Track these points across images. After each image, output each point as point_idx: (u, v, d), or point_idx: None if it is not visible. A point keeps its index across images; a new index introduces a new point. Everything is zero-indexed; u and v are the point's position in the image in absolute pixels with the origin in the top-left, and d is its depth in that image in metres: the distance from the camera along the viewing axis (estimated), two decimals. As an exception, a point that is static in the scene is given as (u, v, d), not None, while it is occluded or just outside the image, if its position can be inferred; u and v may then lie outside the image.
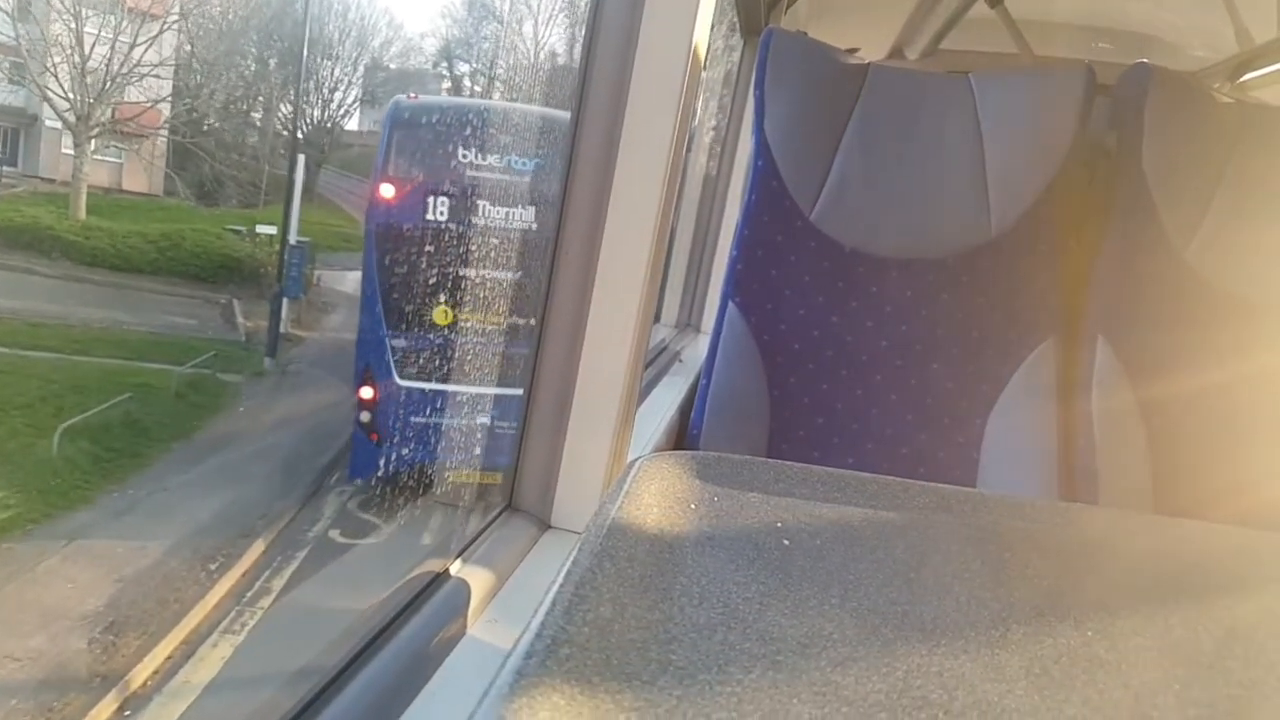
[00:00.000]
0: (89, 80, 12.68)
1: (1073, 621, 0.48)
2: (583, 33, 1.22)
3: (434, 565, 1.02)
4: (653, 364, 2.33)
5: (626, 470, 0.58)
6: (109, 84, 12.83)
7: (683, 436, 1.70)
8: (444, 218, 7.13)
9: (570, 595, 0.41)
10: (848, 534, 0.55)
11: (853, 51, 2.27)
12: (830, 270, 1.58)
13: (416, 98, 8.17)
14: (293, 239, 11.23)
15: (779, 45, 1.62)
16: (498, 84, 17.71)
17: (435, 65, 17.90)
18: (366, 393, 7.32)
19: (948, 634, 0.45)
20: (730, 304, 1.59)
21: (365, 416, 7.40)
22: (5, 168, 13.22)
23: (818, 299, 1.58)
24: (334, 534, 7.25)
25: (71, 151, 13.25)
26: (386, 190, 7.25)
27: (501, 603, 1.01)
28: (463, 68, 18.02)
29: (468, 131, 7.23)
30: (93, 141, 13.29)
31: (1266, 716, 0.42)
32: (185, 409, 8.81)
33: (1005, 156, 1.59)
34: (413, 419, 7.23)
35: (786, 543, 0.52)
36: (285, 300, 11.11)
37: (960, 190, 1.59)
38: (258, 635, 5.61)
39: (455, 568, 1.02)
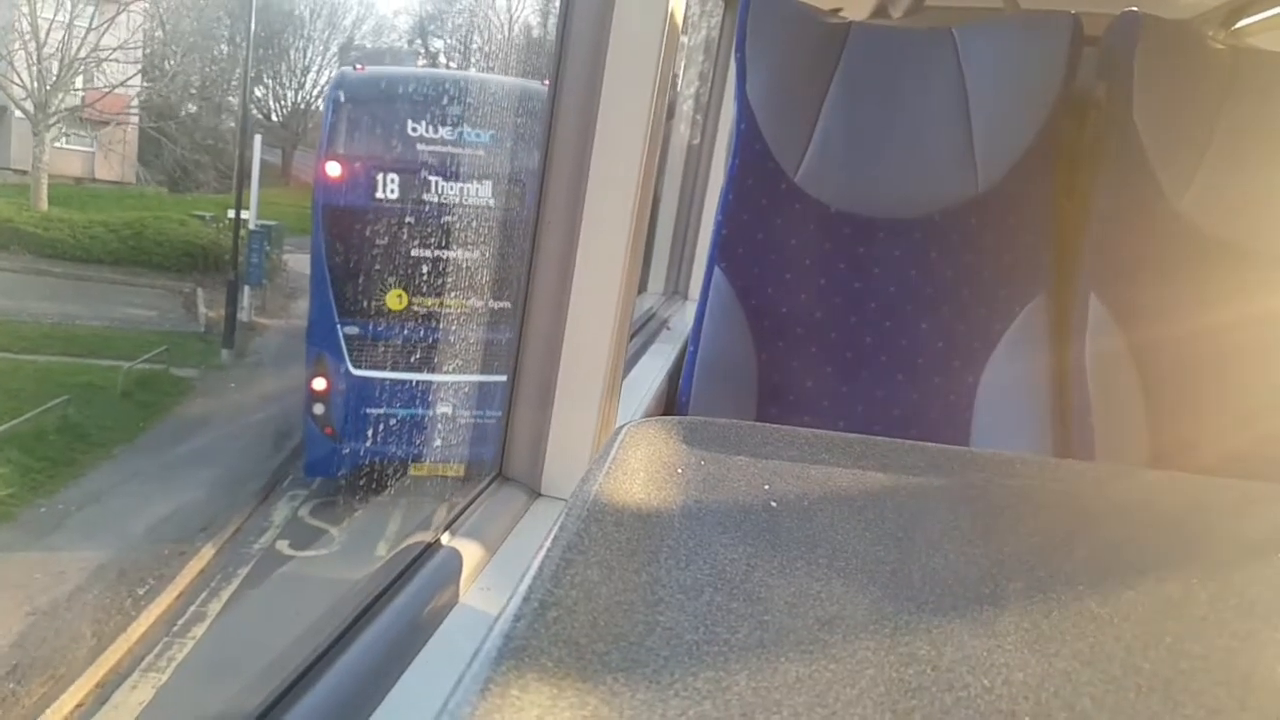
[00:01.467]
0: (45, 66, 12.16)
1: (1064, 577, 0.47)
2: (558, 4, 1.20)
3: (424, 536, 1.03)
4: (640, 332, 2.33)
5: (613, 436, 0.57)
6: (64, 70, 12.28)
7: (671, 404, 1.70)
8: (394, 196, 6.67)
9: (558, 560, 0.41)
10: (836, 495, 0.55)
11: (835, 11, 2.23)
12: (816, 232, 1.57)
13: (364, 69, 7.67)
14: (252, 223, 10.71)
15: (759, 7, 1.60)
16: (473, 58, 17.34)
17: (410, 42, 17.59)
18: (319, 384, 6.86)
19: (936, 591, 0.44)
20: (716, 269, 1.58)
21: (319, 409, 6.94)
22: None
23: (804, 261, 1.57)
24: (282, 545, 6.66)
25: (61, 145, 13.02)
26: (333, 169, 6.79)
27: (493, 571, 1.02)
28: (437, 43, 17.64)
29: (418, 104, 6.77)
30: (52, 129, 12.82)
31: (1260, 668, 0.41)
32: (131, 409, 8.17)
33: (991, 110, 1.57)
34: (369, 410, 6.82)
35: (774, 504, 0.52)
36: (247, 288, 10.63)
37: (946, 146, 1.57)
38: (185, 671, 4.87)
39: (446, 538, 1.03)
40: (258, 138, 11.15)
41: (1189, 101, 1.60)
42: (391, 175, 6.62)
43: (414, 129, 6.72)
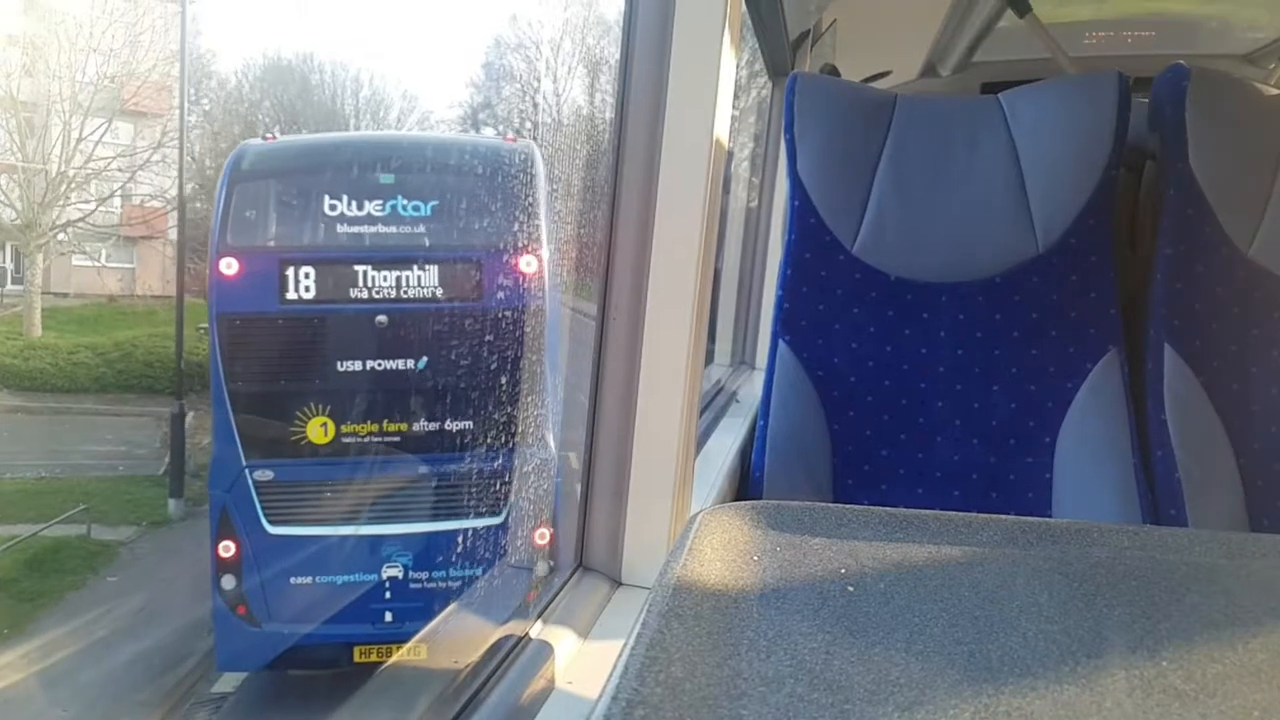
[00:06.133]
0: (28, 182, 11.21)
1: (1145, 651, 0.47)
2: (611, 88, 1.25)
3: (515, 628, 1.07)
4: (709, 406, 2.33)
5: (689, 525, 0.59)
6: (48, 191, 11.24)
7: (745, 480, 1.69)
8: (310, 295, 5.19)
9: (642, 658, 0.43)
10: (912, 575, 0.55)
11: (884, 74, 2.75)
12: (878, 300, 1.59)
13: (274, 139, 6.13)
14: (224, 337, 9.18)
15: (804, 88, 1.64)
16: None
17: (463, 132, 17.12)
18: (227, 549, 5.22)
19: (1015, 672, 0.45)
20: (780, 342, 1.61)
21: (228, 583, 5.26)
22: (12, 286, 11.78)
23: (869, 330, 1.59)
24: None
25: (88, 263, 12.20)
26: (228, 266, 5.24)
27: (583, 660, 1.06)
28: (489, 131, 17.14)
29: (337, 175, 5.42)
30: (43, 250, 11.86)
31: None
32: (-4, 611, 5.85)
33: (1044, 170, 1.58)
34: (295, 580, 5.26)
35: (850, 589, 0.53)
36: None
37: (1001, 208, 1.59)
38: None
39: (535, 630, 1.07)
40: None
41: (1246, 148, 1.60)
42: (305, 269, 5.17)
43: (333, 206, 5.29)
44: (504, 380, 5.11)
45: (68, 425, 9.67)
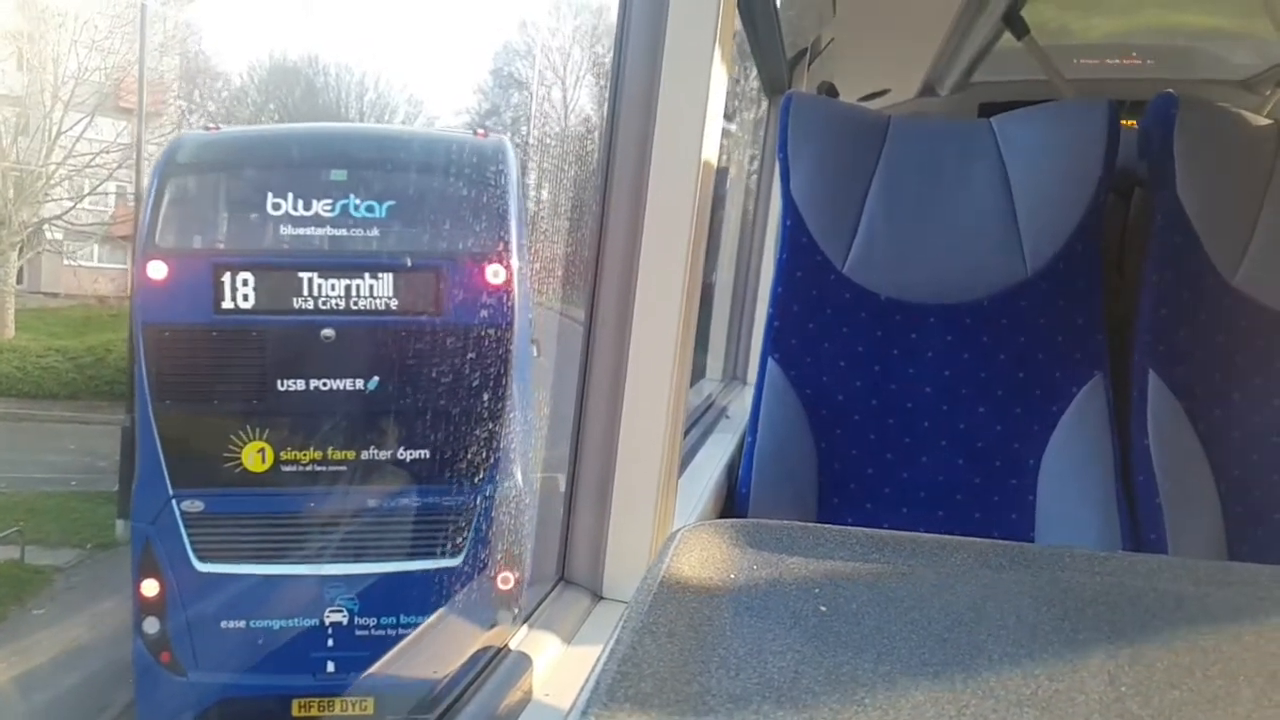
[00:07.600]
0: (6, 176, 10.79)
1: (1106, 677, 0.48)
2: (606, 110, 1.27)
3: (494, 639, 1.08)
4: (699, 422, 2.31)
5: (668, 542, 0.60)
6: (28, 182, 10.83)
7: (732, 495, 1.69)
8: (249, 304, 4.66)
9: (614, 673, 0.43)
10: (884, 596, 0.56)
11: (883, 93, 2.77)
12: (867, 320, 1.60)
13: (218, 129, 5.59)
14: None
15: (799, 108, 1.64)
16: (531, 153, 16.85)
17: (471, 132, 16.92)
18: (150, 587, 4.66)
19: (978, 694, 0.45)
20: (770, 360, 1.61)
21: (151, 626, 4.68)
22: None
23: (857, 349, 1.60)
24: None
25: (73, 263, 11.57)
26: (156, 270, 4.67)
27: (562, 673, 1.06)
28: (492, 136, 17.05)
29: (283, 170, 4.89)
30: (17, 248, 11.43)
31: None
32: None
33: (1033, 195, 1.59)
34: (227, 624, 4.71)
35: (823, 609, 0.53)
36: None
37: (991, 232, 1.60)
38: None
39: (515, 641, 1.07)
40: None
41: (1233, 177, 1.61)
42: (244, 275, 4.64)
43: (277, 205, 4.75)
44: (466, 404, 4.70)
45: (30, 433, 9.04)
